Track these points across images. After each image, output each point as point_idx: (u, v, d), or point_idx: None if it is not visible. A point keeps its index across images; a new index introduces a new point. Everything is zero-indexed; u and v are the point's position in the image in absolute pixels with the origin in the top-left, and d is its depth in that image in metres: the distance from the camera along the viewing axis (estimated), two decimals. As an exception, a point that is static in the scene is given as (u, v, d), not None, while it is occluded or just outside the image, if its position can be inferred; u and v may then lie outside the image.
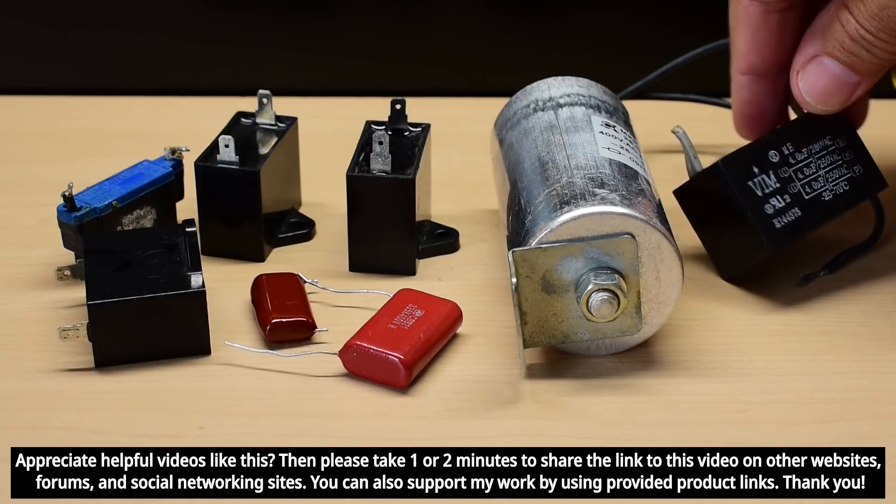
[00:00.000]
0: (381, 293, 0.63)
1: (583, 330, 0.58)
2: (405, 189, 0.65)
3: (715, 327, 0.63)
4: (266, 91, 0.70)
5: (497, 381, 0.59)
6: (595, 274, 0.57)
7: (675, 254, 0.58)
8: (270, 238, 0.69)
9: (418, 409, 0.57)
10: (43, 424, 0.56)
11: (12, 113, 0.85)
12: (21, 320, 0.63)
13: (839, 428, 0.56)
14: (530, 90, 0.68)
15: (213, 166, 0.66)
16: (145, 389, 0.58)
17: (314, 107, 0.82)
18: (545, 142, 0.63)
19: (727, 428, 0.56)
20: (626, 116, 0.68)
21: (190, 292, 0.58)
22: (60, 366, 0.59)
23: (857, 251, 0.68)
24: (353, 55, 0.89)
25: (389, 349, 0.58)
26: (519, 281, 0.57)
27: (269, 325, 0.60)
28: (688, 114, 0.72)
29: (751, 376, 0.59)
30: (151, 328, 0.59)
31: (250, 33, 0.89)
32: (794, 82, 0.63)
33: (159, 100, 0.87)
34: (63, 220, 0.64)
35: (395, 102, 0.69)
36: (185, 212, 0.68)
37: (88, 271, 0.60)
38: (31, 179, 0.76)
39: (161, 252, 0.61)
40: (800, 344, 0.62)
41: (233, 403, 0.57)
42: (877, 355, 0.61)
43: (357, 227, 0.66)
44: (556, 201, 0.58)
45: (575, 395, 0.58)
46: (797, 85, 0.63)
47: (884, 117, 0.84)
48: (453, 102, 0.86)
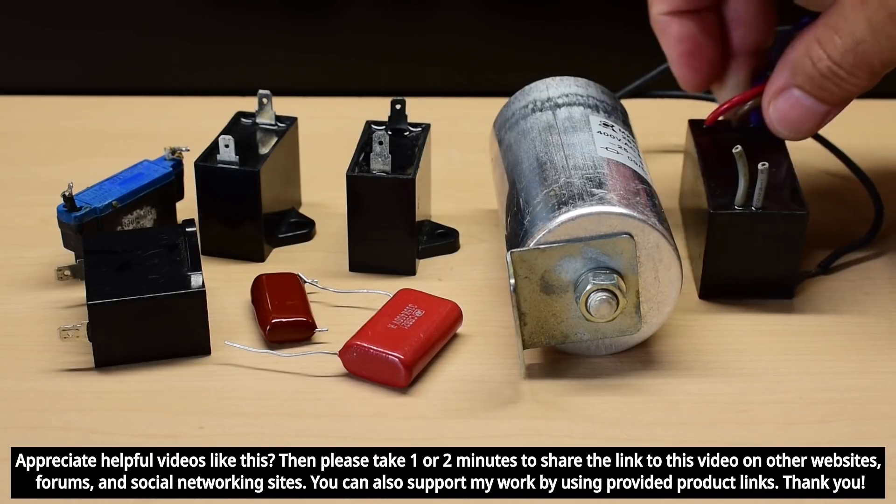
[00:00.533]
0: (381, 293, 0.63)
1: (582, 330, 0.58)
2: (405, 189, 0.65)
3: (715, 327, 0.63)
4: (266, 91, 0.70)
5: (497, 381, 0.59)
6: (594, 274, 0.57)
7: (673, 253, 0.58)
8: (270, 238, 0.69)
9: (418, 409, 0.57)
10: (43, 424, 0.56)
11: (12, 113, 0.85)
12: (21, 320, 0.63)
13: (839, 428, 0.56)
14: (529, 90, 0.68)
15: (213, 166, 0.66)
16: (145, 389, 0.58)
17: (314, 107, 0.82)
18: (543, 142, 0.63)
19: (727, 428, 0.56)
20: (625, 116, 0.68)
21: (190, 292, 0.59)
22: (60, 366, 0.59)
23: (852, 249, 0.68)
24: (353, 55, 0.89)
25: (389, 349, 0.58)
26: (518, 282, 0.57)
27: (269, 325, 0.60)
28: (687, 113, 0.72)
29: (751, 376, 0.59)
30: (151, 328, 0.59)
31: (250, 33, 0.89)
32: (765, 111, 0.63)
33: (159, 100, 0.87)
34: (63, 220, 0.64)
35: (395, 102, 0.69)
36: (185, 212, 0.68)
37: (88, 271, 0.60)
38: (31, 179, 0.76)
39: (161, 252, 0.61)
40: (800, 344, 0.62)
41: (233, 403, 0.57)
42: (876, 355, 0.61)
43: (357, 227, 0.66)
44: (555, 202, 0.58)
45: (575, 395, 0.58)
46: (769, 114, 0.63)
47: (885, 117, 0.84)
48: (453, 102, 0.86)
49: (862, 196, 0.73)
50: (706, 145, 0.66)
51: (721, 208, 0.62)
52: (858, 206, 0.73)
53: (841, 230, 0.70)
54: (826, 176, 0.77)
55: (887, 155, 0.80)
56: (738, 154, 0.61)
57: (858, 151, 0.74)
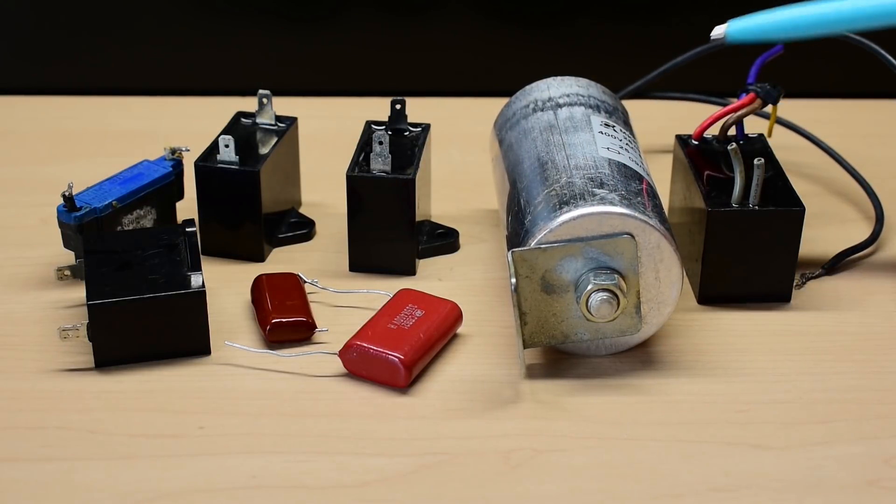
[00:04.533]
0: (381, 293, 0.63)
1: (582, 330, 0.58)
2: (405, 189, 0.65)
3: (715, 327, 0.63)
4: (266, 91, 0.70)
5: (497, 381, 0.59)
6: (594, 274, 0.57)
7: (674, 253, 0.58)
8: (270, 238, 0.69)
9: (418, 409, 0.57)
10: (43, 424, 0.56)
11: (12, 113, 0.85)
12: (21, 320, 0.63)
13: (839, 428, 0.56)
14: (530, 90, 0.68)
15: (213, 166, 0.66)
16: (145, 389, 0.58)
17: (314, 107, 0.82)
18: (544, 142, 0.63)
19: (727, 428, 0.56)
20: (626, 116, 0.68)
21: (190, 292, 0.58)
22: (60, 366, 0.59)
23: (856, 251, 0.68)
24: (353, 55, 0.89)
25: (389, 349, 0.58)
26: (518, 281, 0.57)
27: (269, 325, 0.60)
28: (687, 113, 0.72)
29: (751, 376, 0.59)
30: (151, 328, 0.59)
31: (250, 33, 0.89)
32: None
33: (159, 100, 0.87)
34: (63, 220, 0.64)
35: (395, 102, 0.69)
36: (185, 212, 0.68)
37: (88, 271, 0.60)
38: (31, 179, 0.76)
39: (161, 252, 0.61)
40: (800, 344, 0.61)
41: (233, 403, 0.57)
42: (876, 355, 0.61)
43: (357, 227, 0.66)
44: (556, 201, 0.58)
45: (575, 395, 0.58)
46: None
47: (883, 117, 0.84)
48: (453, 102, 0.86)
49: (862, 196, 0.73)
50: (696, 156, 0.66)
51: (718, 206, 0.62)
52: (859, 206, 0.73)
53: (842, 231, 0.70)
54: (826, 177, 0.77)
55: (887, 155, 0.80)
56: (732, 151, 0.61)
57: (859, 151, 0.74)
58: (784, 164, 0.66)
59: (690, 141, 0.67)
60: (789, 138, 0.77)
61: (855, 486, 0.53)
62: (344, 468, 0.53)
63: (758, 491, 0.53)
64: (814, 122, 0.78)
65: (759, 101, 0.66)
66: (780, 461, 0.54)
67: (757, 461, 0.54)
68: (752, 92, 0.66)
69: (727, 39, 0.61)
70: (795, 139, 0.77)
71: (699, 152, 0.66)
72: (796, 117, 0.78)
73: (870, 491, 0.53)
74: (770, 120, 0.68)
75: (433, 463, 0.54)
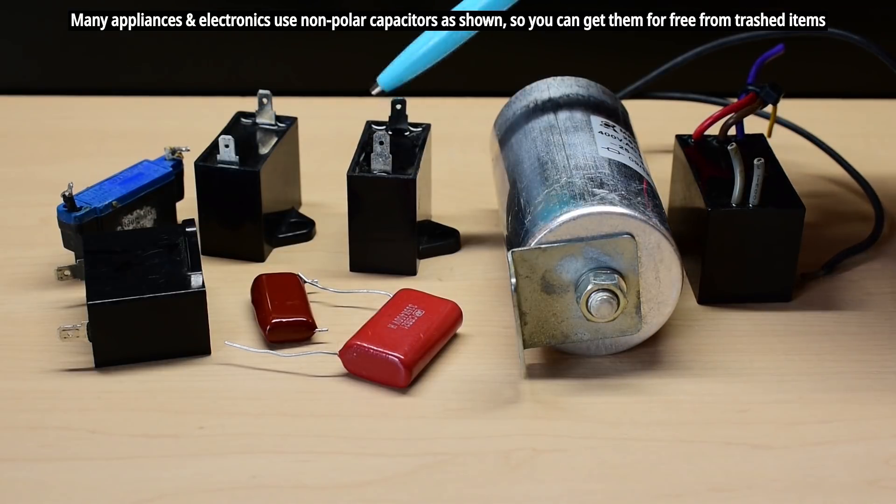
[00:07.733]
0: (381, 293, 0.63)
1: (583, 330, 0.58)
2: (406, 189, 0.65)
3: (715, 327, 0.63)
4: (266, 91, 0.70)
5: (497, 381, 0.59)
6: (594, 274, 0.57)
7: (674, 253, 0.58)
8: (270, 238, 0.69)
9: (418, 409, 0.57)
10: (43, 424, 0.56)
11: (12, 113, 0.85)
12: (21, 320, 0.63)
13: (839, 428, 0.56)
14: (530, 90, 0.68)
15: (213, 166, 0.66)
16: (145, 389, 0.58)
17: (314, 107, 0.82)
18: (544, 142, 0.63)
19: (727, 428, 0.56)
20: (626, 116, 0.68)
21: (190, 292, 0.58)
22: (60, 366, 0.59)
23: (856, 251, 0.68)
24: (353, 55, 0.89)
25: (389, 349, 0.58)
26: (518, 281, 0.57)
27: (269, 325, 0.60)
28: (687, 113, 0.72)
29: (751, 376, 0.59)
30: (151, 328, 0.59)
31: (250, 33, 0.89)
32: None
33: (159, 100, 0.87)
34: (63, 220, 0.64)
35: (396, 102, 0.69)
36: (185, 212, 0.68)
37: (88, 271, 0.60)
38: (31, 179, 0.76)
39: (161, 252, 0.61)
40: (800, 344, 0.61)
41: (233, 403, 0.57)
42: (877, 355, 0.61)
43: (357, 227, 0.66)
44: (556, 201, 0.58)
45: (575, 395, 0.58)
46: None
47: (884, 117, 0.84)
48: (453, 102, 0.86)
49: (862, 196, 0.73)
50: (696, 156, 0.66)
51: (718, 206, 0.62)
52: (859, 206, 0.73)
53: (842, 231, 0.70)
54: (826, 177, 0.77)
55: (887, 155, 0.80)
56: (733, 151, 0.61)
57: (859, 151, 0.74)
58: (784, 164, 0.66)
59: (690, 141, 0.67)
60: (789, 138, 0.77)
61: (855, 486, 0.53)
62: (344, 468, 0.53)
63: (758, 491, 0.53)
64: (814, 122, 0.78)
65: (759, 101, 0.66)
66: (780, 461, 0.54)
67: (757, 461, 0.54)
68: (752, 92, 0.66)
69: (386, 90, 0.66)
70: (795, 139, 0.77)
71: (699, 152, 0.66)
72: (796, 117, 0.78)
73: (870, 491, 0.53)
74: (770, 120, 0.68)
75: (433, 463, 0.54)
